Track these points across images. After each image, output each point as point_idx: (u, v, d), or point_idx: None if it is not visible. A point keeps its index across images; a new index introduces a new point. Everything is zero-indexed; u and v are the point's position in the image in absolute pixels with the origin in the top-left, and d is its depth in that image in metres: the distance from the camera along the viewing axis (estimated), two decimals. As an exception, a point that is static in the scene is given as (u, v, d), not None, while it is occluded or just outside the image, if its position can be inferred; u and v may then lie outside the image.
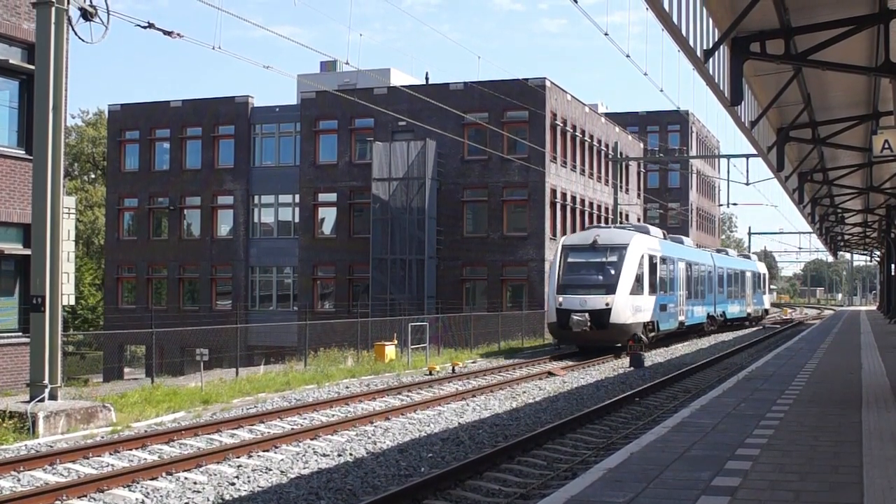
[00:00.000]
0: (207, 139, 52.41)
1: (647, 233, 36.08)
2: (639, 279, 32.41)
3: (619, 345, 31.93)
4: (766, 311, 65.75)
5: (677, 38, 13.54)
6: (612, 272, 31.88)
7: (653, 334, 34.26)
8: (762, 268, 63.48)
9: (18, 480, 11.30)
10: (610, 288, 31.46)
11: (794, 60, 15.59)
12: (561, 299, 31.56)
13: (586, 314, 30.76)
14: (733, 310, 51.57)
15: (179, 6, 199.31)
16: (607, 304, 30.89)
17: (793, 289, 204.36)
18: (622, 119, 71.14)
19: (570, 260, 32.82)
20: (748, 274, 56.09)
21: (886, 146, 17.89)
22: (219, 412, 17.56)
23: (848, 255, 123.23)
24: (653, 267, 34.17)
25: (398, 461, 12.42)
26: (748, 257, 62.62)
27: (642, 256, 32.92)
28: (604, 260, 32.39)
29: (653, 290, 33.94)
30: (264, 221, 52.15)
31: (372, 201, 46.70)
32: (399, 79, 58.14)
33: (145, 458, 12.77)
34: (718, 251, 53.85)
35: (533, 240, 45.98)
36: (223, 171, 52.08)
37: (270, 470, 11.88)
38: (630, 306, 31.63)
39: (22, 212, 19.30)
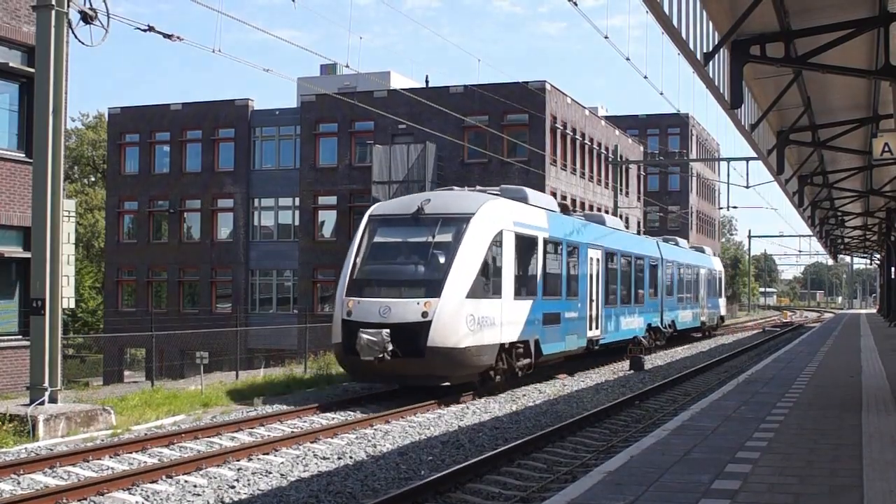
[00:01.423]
0: (207, 142, 52.43)
1: (524, 199, 23.04)
2: (490, 272, 19.58)
3: (449, 384, 19.25)
4: (722, 319, 53.88)
5: (677, 41, 13.55)
6: (441, 260, 19.14)
7: (525, 361, 21.48)
8: (718, 264, 51.58)
9: (18, 483, 11.29)
10: (432, 286, 18.70)
11: (795, 63, 15.60)
12: (351, 305, 19.00)
13: (385, 331, 18.19)
14: (685, 318, 40.52)
15: (179, 9, 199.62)
16: (424, 315, 18.31)
17: (793, 292, 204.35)
18: (622, 122, 71.19)
19: (376, 240, 20.22)
20: (703, 271, 44.86)
21: (886, 149, 17.91)
22: (219, 415, 17.56)
23: (848, 259, 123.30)
24: (525, 253, 21.84)
25: (398, 464, 12.41)
26: (701, 250, 47.82)
27: (499, 235, 20.08)
28: (429, 240, 19.52)
29: (526, 290, 21.75)
30: (264, 224, 52.18)
31: (372, 204, 46.68)
32: (399, 82, 58.19)
33: (145, 462, 12.76)
34: (667, 240, 41.03)
35: (533, 243, 45.90)
36: (223, 175, 52.10)
37: (270, 473, 11.87)
38: (468, 317, 18.71)
39: (22, 215, 19.30)
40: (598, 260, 27.41)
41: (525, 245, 21.76)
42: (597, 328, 27.09)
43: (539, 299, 22.36)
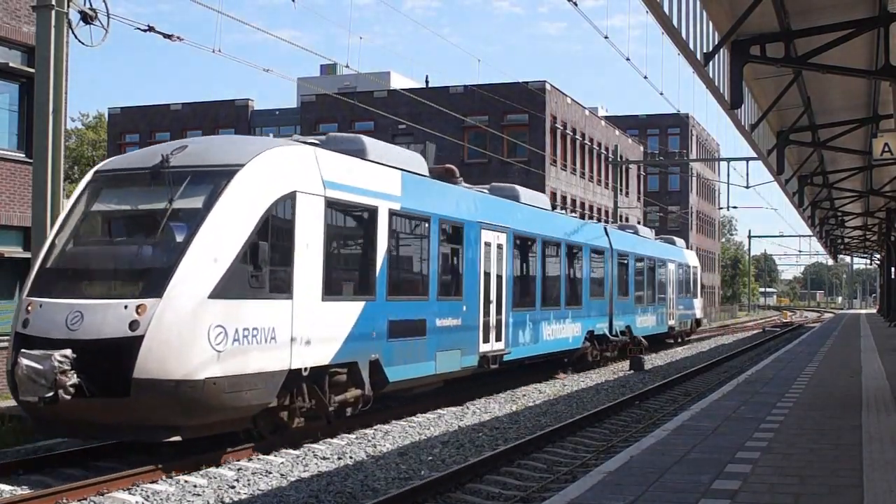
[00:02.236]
0: (207, 142, 52.39)
1: (359, 153, 15.57)
2: (266, 257, 12.61)
3: (176, 438, 11.81)
4: (699, 323, 45.72)
5: (677, 42, 13.56)
6: (178, 238, 12.24)
7: (352, 394, 14.65)
8: (692, 258, 43.28)
9: (18, 483, 11.28)
10: (152, 280, 11.90)
11: (794, 63, 15.62)
12: (31, 310, 12.11)
13: (61, 354, 11.26)
14: (646, 322, 33.18)
15: (180, 9, 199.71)
16: (134, 326, 11.43)
17: (793, 292, 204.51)
18: (622, 122, 71.23)
19: (94, 208, 13.48)
20: (671, 267, 37.42)
21: (886, 149, 17.93)
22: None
23: (848, 259, 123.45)
24: (350, 230, 15.35)
25: (398, 464, 12.41)
26: (671, 242, 40.69)
27: (289, 200, 13.19)
28: (166, 207, 12.55)
29: (353, 287, 15.04)
30: (264, 224, 52.08)
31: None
32: (399, 82, 58.20)
33: (145, 461, 12.75)
34: (623, 228, 34.81)
35: (533, 243, 45.94)
36: (223, 175, 52.03)
37: (270, 473, 11.86)
38: (213, 329, 11.79)
39: (22, 215, 19.30)
40: (500, 246, 20.04)
41: (350, 217, 14.91)
42: (498, 340, 19.75)
43: (380, 300, 15.10)
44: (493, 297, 19.68)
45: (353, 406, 14.83)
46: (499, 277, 20.07)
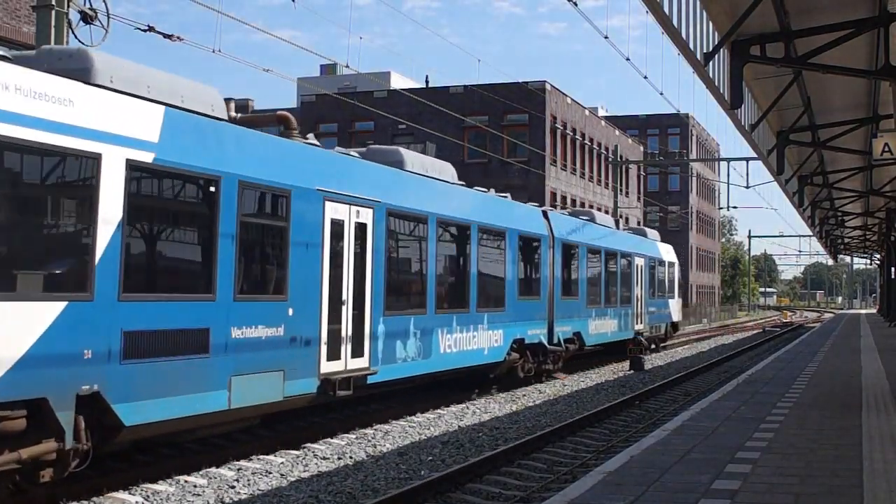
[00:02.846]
0: (207, 142, 52.39)
1: (67, 69, 10.30)
2: None
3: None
4: (675, 327, 39.17)
5: (677, 42, 13.57)
6: None
7: (40, 449, 9.40)
8: (668, 253, 37.01)
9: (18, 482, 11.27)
10: None
11: (794, 63, 15.63)
12: None
13: None
14: (603, 327, 27.81)
15: (180, 10, 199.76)
16: None
17: (793, 292, 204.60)
18: (622, 122, 71.25)
19: None
20: (639, 262, 31.79)
21: (886, 149, 17.93)
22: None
23: (848, 259, 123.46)
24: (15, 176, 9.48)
25: (398, 464, 12.41)
26: (642, 233, 35.44)
27: None
28: None
29: (20, 281, 9.35)
30: (264, 224, 52.03)
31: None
32: (399, 82, 58.22)
33: (145, 461, 12.75)
34: (576, 214, 29.67)
35: (533, 243, 45.93)
36: (223, 175, 52.04)
37: (270, 473, 11.86)
38: None
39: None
40: (363, 227, 15.10)
41: (49, 168, 9.85)
42: (357, 356, 14.81)
43: (104, 300, 10.11)
44: (346, 296, 14.52)
45: (54, 467, 9.75)
46: (358, 270, 14.91)
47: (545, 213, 24.14)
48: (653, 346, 34.45)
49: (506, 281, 20.55)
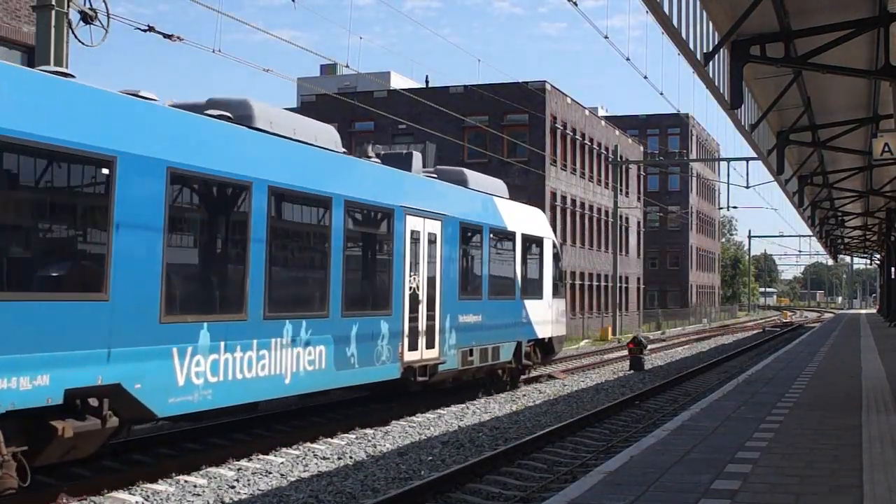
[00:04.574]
0: (207, 142, 52.33)
1: None
2: None
3: None
4: (550, 347, 23.27)
5: (677, 42, 13.56)
6: None
7: None
8: (535, 224, 23.28)
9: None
10: None
11: (794, 63, 15.62)
12: None
13: None
14: (260, 370, 12.53)
15: (180, 10, 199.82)
16: None
17: (793, 292, 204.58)
18: (622, 122, 71.23)
19: None
20: (438, 232, 17.55)
21: (886, 149, 17.92)
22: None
23: (848, 259, 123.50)
24: None
25: (398, 464, 12.41)
26: (462, 180, 20.59)
27: None
28: None
29: None
30: (264, 224, 51.95)
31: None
32: (399, 82, 58.22)
33: (145, 461, 12.75)
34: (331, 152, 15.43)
35: (533, 243, 45.89)
36: (223, 175, 51.97)
37: (270, 473, 11.86)
38: None
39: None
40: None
41: None
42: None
43: None
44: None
45: None
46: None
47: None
48: (486, 391, 20.71)
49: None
